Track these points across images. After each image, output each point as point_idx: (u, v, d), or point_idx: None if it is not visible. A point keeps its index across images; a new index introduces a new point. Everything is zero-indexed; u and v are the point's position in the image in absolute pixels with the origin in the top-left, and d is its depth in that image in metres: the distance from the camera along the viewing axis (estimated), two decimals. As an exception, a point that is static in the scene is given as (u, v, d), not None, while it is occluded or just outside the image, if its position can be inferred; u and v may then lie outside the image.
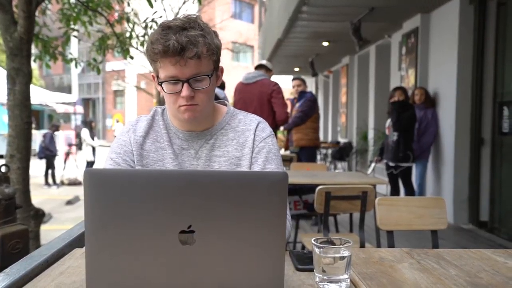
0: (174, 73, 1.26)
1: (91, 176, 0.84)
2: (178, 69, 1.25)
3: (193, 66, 1.26)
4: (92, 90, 32.03)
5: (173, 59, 1.24)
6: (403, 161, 5.50)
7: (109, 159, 1.37)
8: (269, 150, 1.40)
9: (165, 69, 1.27)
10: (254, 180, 0.88)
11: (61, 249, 1.21)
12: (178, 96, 1.29)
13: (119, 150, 1.37)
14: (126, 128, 1.43)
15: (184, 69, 1.26)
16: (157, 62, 1.28)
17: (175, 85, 1.28)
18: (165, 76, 1.27)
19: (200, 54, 1.25)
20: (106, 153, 1.41)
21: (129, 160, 1.36)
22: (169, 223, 0.85)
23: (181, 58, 1.24)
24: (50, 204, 8.15)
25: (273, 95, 4.80)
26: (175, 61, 1.24)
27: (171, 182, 0.86)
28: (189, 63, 1.25)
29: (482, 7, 5.20)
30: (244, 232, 0.87)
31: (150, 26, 5.30)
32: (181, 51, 1.23)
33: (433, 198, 2.08)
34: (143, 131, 1.40)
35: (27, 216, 3.54)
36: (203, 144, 1.40)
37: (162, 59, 1.25)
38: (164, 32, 1.25)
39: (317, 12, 6.34)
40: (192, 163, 1.38)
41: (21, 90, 3.61)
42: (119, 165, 1.35)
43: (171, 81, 1.28)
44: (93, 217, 0.84)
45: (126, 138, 1.39)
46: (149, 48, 1.27)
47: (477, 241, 4.75)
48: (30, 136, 3.73)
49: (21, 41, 3.59)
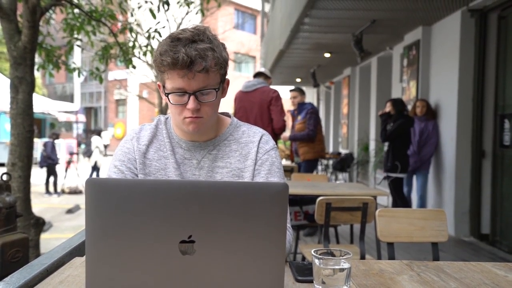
0: (182, 85, 1.26)
1: (92, 185, 0.85)
2: (185, 82, 1.25)
3: (201, 79, 1.26)
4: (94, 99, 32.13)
5: (182, 71, 1.24)
6: (391, 171, 5.57)
7: (113, 166, 1.37)
8: (272, 162, 1.41)
9: (172, 81, 1.27)
10: (255, 191, 0.88)
11: (61, 258, 1.21)
12: (184, 107, 1.29)
13: (123, 157, 1.38)
14: (129, 136, 1.43)
15: (192, 82, 1.26)
16: (165, 73, 1.28)
17: (182, 97, 1.28)
18: (172, 88, 1.27)
19: (208, 68, 1.25)
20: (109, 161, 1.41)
21: (132, 168, 1.37)
22: (170, 233, 0.86)
23: (190, 71, 1.24)
24: (51, 212, 8.15)
25: (272, 102, 4.81)
26: (183, 74, 1.24)
27: (172, 192, 0.87)
28: (197, 77, 1.25)
29: (483, 20, 5.23)
30: (244, 242, 0.87)
31: (153, 37, 5.34)
32: (190, 64, 1.23)
33: (434, 210, 2.08)
34: (147, 139, 1.40)
35: (28, 225, 3.54)
36: (205, 155, 1.40)
37: (170, 71, 1.25)
38: (173, 44, 1.25)
39: (319, 24, 6.38)
40: (194, 173, 1.38)
41: (24, 99, 3.63)
42: (123, 172, 1.35)
43: (177, 93, 1.28)
44: (94, 226, 0.85)
45: (129, 146, 1.40)
46: (157, 59, 1.26)
47: (478, 254, 4.73)
48: (32, 144, 3.74)
49: (24, 50, 3.61)
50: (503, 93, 5.02)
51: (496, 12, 5.10)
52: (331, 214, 2.46)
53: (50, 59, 5.01)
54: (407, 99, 6.71)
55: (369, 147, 9.10)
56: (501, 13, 5.04)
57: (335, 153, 11.34)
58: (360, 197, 2.55)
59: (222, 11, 21.08)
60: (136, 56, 6.06)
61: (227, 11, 25.85)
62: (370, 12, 5.66)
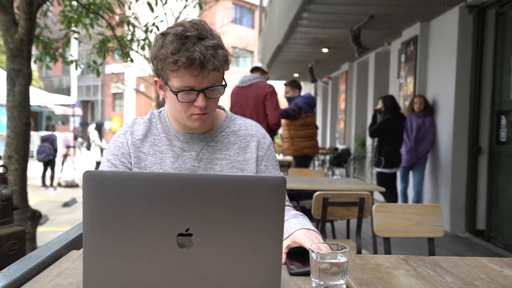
0: (192, 83, 1.25)
1: (90, 177, 0.85)
2: (197, 80, 1.24)
3: (212, 77, 1.26)
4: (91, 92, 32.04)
5: (196, 71, 1.23)
6: (376, 166, 5.76)
7: (106, 160, 1.37)
8: (273, 157, 1.46)
9: (182, 79, 1.25)
10: (252, 184, 0.88)
11: (58, 250, 1.21)
12: (191, 104, 1.29)
13: (116, 151, 1.37)
14: (123, 129, 1.42)
15: (203, 80, 1.25)
16: (174, 72, 1.25)
17: (190, 95, 1.27)
18: (181, 86, 1.26)
19: (219, 67, 1.26)
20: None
21: (126, 162, 1.36)
22: (167, 226, 0.86)
23: (204, 70, 1.23)
24: (47, 206, 8.14)
25: (267, 97, 4.75)
26: (197, 73, 1.23)
27: (169, 184, 0.86)
28: (210, 75, 1.25)
29: (481, 16, 5.23)
30: (242, 236, 0.88)
31: (151, 30, 5.31)
32: (204, 63, 1.22)
33: (430, 206, 2.09)
34: (141, 133, 1.40)
35: (24, 218, 3.54)
36: (204, 146, 1.40)
37: (182, 70, 1.23)
38: (183, 42, 1.22)
39: (317, 19, 6.37)
40: (194, 164, 1.38)
41: (20, 91, 3.61)
42: (116, 166, 1.35)
43: (186, 91, 1.26)
44: (91, 219, 0.85)
45: (123, 140, 1.39)
46: (167, 58, 1.22)
47: (474, 250, 4.76)
48: (28, 137, 3.73)
49: (21, 43, 3.59)
50: (500, 89, 5.03)
51: (494, 9, 5.10)
52: (328, 209, 2.47)
53: (47, 52, 4.98)
54: (405, 95, 6.72)
55: (366, 143, 9.11)
56: (499, 10, 5.04)
57: (332, 148, 11.35)
58: (357, 192, 2.56)
59: (220, 5, 21.00)
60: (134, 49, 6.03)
61: (225, 5, 25.76)
62: (369, 8, 5.66)
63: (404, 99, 6.74)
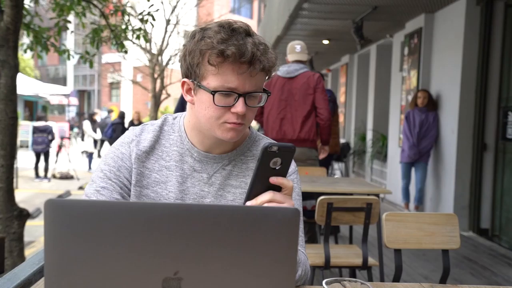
0: (235, 84, 1.05)
1: (53, 208, 0.67)
2: (240, 80, 1.05)
3: (257, 79, 1.08)
4: (87, 82, 31.72)
5: (242, 67, 1.04)
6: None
7: (99, 170, 1.15)
8: (293, 188, 1.13)
9: (223, 77, 1.05)
10: (258, 217, 0.71)
11: (27, 278, 1.04)
12: (226, 110, 1.08)
13: (114, 163, 1.15)
14: (128, 138, 1.19)
15: (247, 82, 1.06)
16: (214, 66, 1.05)
17: (227, 98, 1.07)
18: (222, 86, 1.05)
19: (267, 68, 1.08)
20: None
21: (122, 178, 1.14)
22: (151, 268, 0.69)
23: (253, 68, 1.04)
24: (40, 198, 7.97)
25: (317, 85, 4.01)
26: (243, 70, 1.04)
27: (154, 217, 0.69)
28: (256, 76, 1.07)
29: (489, 8, 5.04)
30: (243, 281, 0.71)
31: (146, 20, 5.12)
32: (255, 60, 1.04)
33: (445, 215, 1.92)
34: (148, 144, 1.18)
35: (10, 217, 3.37)
36: (218, 169, 1.19)
37: (226, 64, 1.04)
38: (230, 33, 1.04)
39: (319, 10, 6.17)
40: (203, 189, 1.17)
41: (6, 83, 3.42)
42: (110, 179, 1.13)
43: (225, 92, 1.06)
44: (55, 259, 0.67)
45: (125, 151, 1.17)
46: (211, 50, 1.04)
47: (478, 250, 4.61)
48: (15, 132, 3.54)
49: (7, 32, 3.39)
50: (508, 85, 4.87)
51: (503, 0, 4.91)
52: (333, 215, 2.30)
53: (38, 41, 4.77)
54: (407, 89, 6.55)
55: (366, 137, 8.95)
56: (509, 1, 4.85)
57: (331, 142, 11.18)
58: (363, 197, 2.39)
59: (218, -6, 20.69)
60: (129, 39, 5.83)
61: (223, -5, 25.44)
62: (372, -2, 5.47)
63: (406, 93, 6.57)
